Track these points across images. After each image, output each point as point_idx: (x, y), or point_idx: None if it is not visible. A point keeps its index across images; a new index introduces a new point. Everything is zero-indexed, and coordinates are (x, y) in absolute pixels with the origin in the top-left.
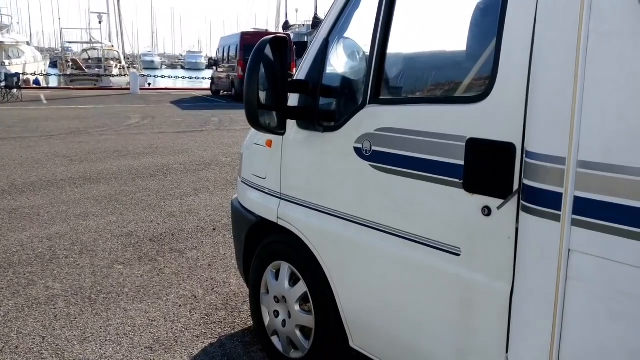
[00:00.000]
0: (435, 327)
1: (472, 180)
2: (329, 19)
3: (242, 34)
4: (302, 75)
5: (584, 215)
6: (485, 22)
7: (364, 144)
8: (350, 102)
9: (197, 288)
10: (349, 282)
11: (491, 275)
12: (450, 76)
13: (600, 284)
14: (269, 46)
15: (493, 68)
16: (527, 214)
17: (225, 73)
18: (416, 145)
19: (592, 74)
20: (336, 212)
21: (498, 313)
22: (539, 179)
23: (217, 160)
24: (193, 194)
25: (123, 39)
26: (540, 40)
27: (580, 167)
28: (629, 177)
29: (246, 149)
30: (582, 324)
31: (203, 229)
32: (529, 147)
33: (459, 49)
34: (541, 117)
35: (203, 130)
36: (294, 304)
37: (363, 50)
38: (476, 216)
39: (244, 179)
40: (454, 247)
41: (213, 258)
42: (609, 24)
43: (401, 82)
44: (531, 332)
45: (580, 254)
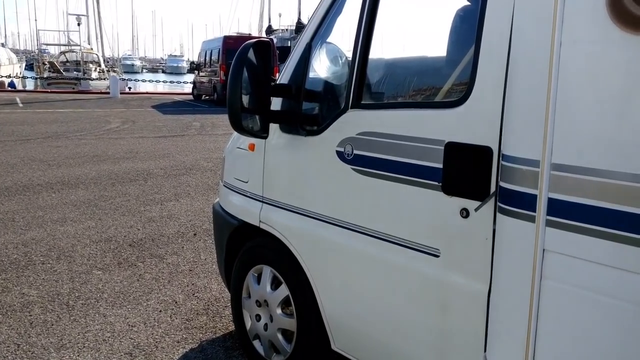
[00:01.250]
0: (415, 328)
1: (450, 183)
2: (311, 24)
3: (225, 37)
4: (285, 80)
5: (558, 216)
6: (464, 29)
7: (346, 147)
8: (333, 106)
9: (177, 293)
10: (331, 284)
11: (469, 276)
12: (430, 82)
13: (573, 283)
14: (252, 50)
15: (471, 74)
16: (504, 215)
17: (207, 77)
18: (396, 149)
19: (565, 81)
20: (318, 215)
21: (476, 313)
22: (514, 181)
23: (199, 165)
24: (174, 199)
25: (102, 42)
26: (516, 48)
27: (554, 170)
28: (600, 179)
29: (228, 153)
30: (557, 322)
31: (184, 234)
32: (505, 151)
33: (439, 55)
34: (517, 121)
35: (184, 135)
36: (275, 307)
37: (345, 55)
38: (454, 218)
39: (226, 182)
40: (433, 248)
41: (194, 263)
42: (580, 33)
43: (382, 87)
44: (508, 331)
45: (554, 254)
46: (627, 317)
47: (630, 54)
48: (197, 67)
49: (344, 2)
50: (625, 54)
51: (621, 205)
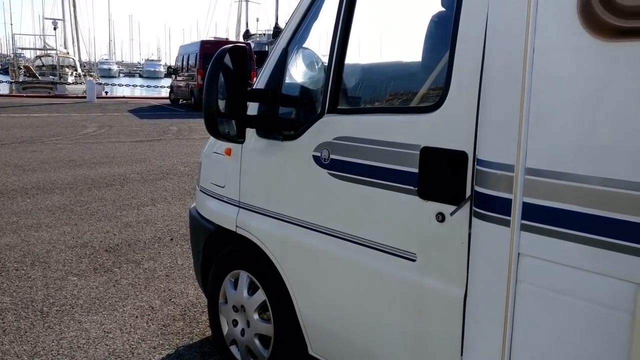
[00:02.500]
0: (392, 333)
1: (426, 188)
2: (288, 29)
3: (202, 42)
4: (261, 85)
5: (532, 220)
6: (439, 35)
7: (323, 152)
8: (309, 111)
9: (154, 299)
10: (308, 289)
11: (445, 280)
12: (406, 87)
13: (548, 286)
14: (229, 55)
15: (446, 80)
16: (479, 219)
17: (185, 82)
18: (373, 153)
19: (538, 86)
20: (295, 219)
21: (452, 317)
22: (489, 186)
23: (176, 170)
24: (150, 204)
25: (79, 46)
26: (490, 54)
27: (528, 174)
28: (573, 183)
29: (205, 158)
30: (532, 325)
31: (160, 239)
32: (480, 155)
33: (414, 60)
34: (491, 126)
35: (161, 140)
36: (252, 312)
37: (321, 60)
38: (430, 222)
39: (202, 187)
40: (409, 252)
41: (170, 268)
42: (552, 39)
43: (358, 92)
44: (484, 335)
45: (529, 257)
46: (601, 320)
47: (601, 61)
48: (174, 71)
49: (320, 8)
50: (596, 60)
51: (594, 209)
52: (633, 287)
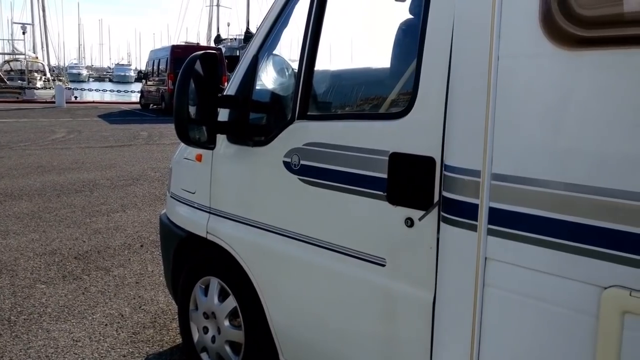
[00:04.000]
0: (362, 338)
1: (395, 193)
2: (258, 35)
3: (173, 47)
4: (232, 91)
5: (499, 225)
6: (407, 42)
7: (293, 158)
8: (280, 117)
9: (124, 306)
10: (279, 295)
11: (415, 285)
12: (375, 93)
13: (515, 290)
14: (199, 62)
15: (413, 86)
16: (447, 224)
17: (155, 86)
18: (342, 159)
19: (503, 93)
20: (266, 225)
21: (422, 321)
22: (456, 191)
23: (146, 175)
24: (120, 210)
25: (48, 51)
26: (456, 61)
27: (494, 180)
28: (538, 188)
29: (176, 163)
30: (500, 329)
31: (130, 245)
32: (447, 161)
33: (383, 67)
34: (458, 132)
35: (131, 145)
36: (223, 319)
37: (292, 67)
38: (400, 227)
39: (172, 193)
40: (379, 258)
41: (140, 275)
42: (516, 47)
43: (328, 99)
44: (452, 339)
45: (495, 262)
46: (567, 323)
47: (563, 69)
48: (144, 76)
49: (290, 15)
50: (558, 68)
51: (558, 214)
52: (597, 290)
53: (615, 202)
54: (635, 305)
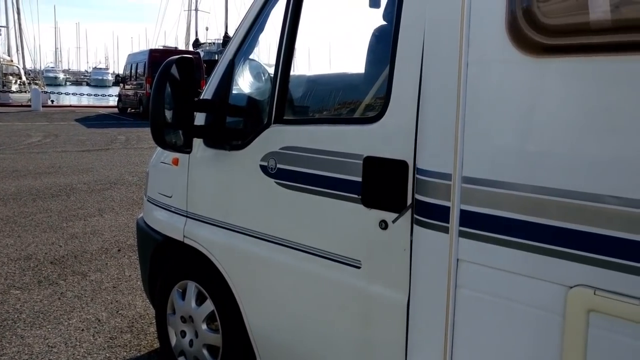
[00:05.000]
0: (339, 340)
1: (369, 196)
2: (235, 40)
3: (151, 51)
4: (208, 95)
5: (470, 227)
6: (380, 48)
7: (269, 162)
8: (256, 121)
9: (101, 311)
10: (256, 298)
11: (389, 286)
12: (349, 98)
13: (486, 290)
14: (175, 66)
15: (387, 92)
16: (420, 226)
17: (133, 90)
18: (318, 163)
19: (472, 98)
20: (243, 229)
21: (397, 323)
22: (429, 194)
23: (123, 180)
24: (97, 215)
25: (23, 54)
26: (427, 67)
27: (464, 183)
28: (507, 191)
29: (152, 167)
30: (472, 329)
31: (107, 250)
32: (420, 165)
33: (358, 72)
34: (429, 136)
35: (109, 149)
36: (201, 323)
37: (268, 71)
38: (374, 230)
39: (149, 197)
40: (354, 260)
41: (118, 280)
42: (484, 54)
43: (304, 103)
44: (426, 340)
45: (467, 263)
46: (536, 321)
47: (529, 75)
48: (122, 80)
49: (266, 20)
50: (524, 74)
51: (527, 216)
52: (564, 289)
53: (580, 204)
54: (599, 304)
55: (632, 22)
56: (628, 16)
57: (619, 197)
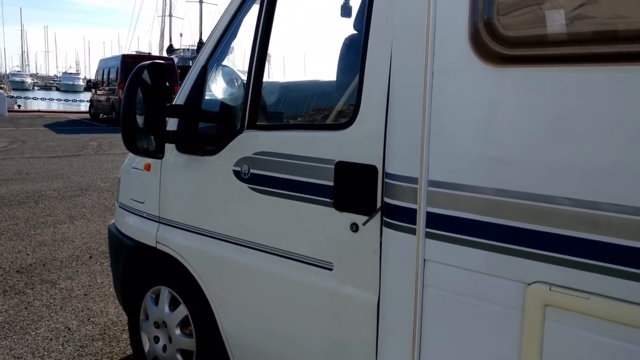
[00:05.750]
0: (312, 342)
1: (340, 200)
2: (207, 46)
3: (124, 56)
4: (181, 100)
5: (436, 228)
6: (351, 57)
7: (243, 167)
8: (229, 127)
9: (71, 319)
10: (230, 302)
11: (360, 288)
12: (321, 105)
13: (451, 289)
14: (147, 71)
15: (357, 99)
16: (389, 228)
17: (105, 96)
18: (291, 168)
19: (437, 106)
20: (216, 234)
21: (367, 322)
22: (397, 197)
23: (95, 186)
24: (68, 221)
25: None
26: (395, 75)
27: (430, 186)
28: (470, 193)
29: (124, 173)
30: (439, 327)
31: (78, 257)
32: (388, 169)
33: (329, 80)
34: (397, 142)
35: (80, 155)
36: (174, 328)
37: (241, 77)
38: (345, 232)
39: (121, 203)
40: (326, 262)
41: (89, 287)
42: (448, 63)
43: (277, 109)
44: (395, 338)
45: (433, 263)
46: (499, 318)
47: (489, 83)
48: (94, 85)
49: (239, 27)
50: (485, 83)
51: (488, 217)
52: (523, 286)
53: (536, 205)
54: (554, 299)
55: (584, 36)
56: (580, 30)
57: (570, 199)
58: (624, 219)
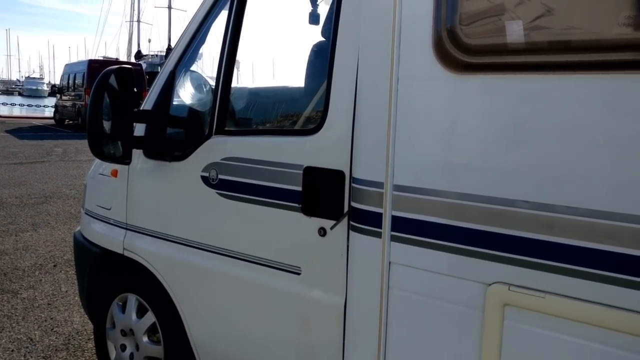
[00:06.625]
0: (280, 345)
1: (308, 204)
2: (176, 52)
3: (90, 61)
4: (149, 106)
5: (400, 231)
6: (319, 64)
7: (211, 172)
8: (197, 132)
9: (33, 329)
10: (198, 308)
11: (328, 291)
12: (290, 110)
13: (415, 290)
14: (114, 76)
15: (325, 105)
16: (355, 232)
17: (71, 101)
18: (259, 173)
19: (402, 112)
20: (184, 240)
21: (335, 325)
22: (363, 201)
23: (60, 193)
24: (31, 229)
25: None
26: (361, 82)
27: (395, 190)
28: (433, 197)
29: (90, 179)
30: (404, 327)
31: (42, 266)
32: (355, 174)
33: (298, 86)
34: (363, 147)
35: (44, 162)
36: (142, 335)
37: (209, 83)
38: (313, 237)
39: (87, 210)
40: (294, 266)
41: (53, 296)
42: (413, 70)
43: (245, 115)
44: (361, 340)
45: (398, 265)
46: (460, 318)
47: (452, 90)
48: (59, 90)
49: (207, 32)
50: (448, 89)
51: (450, 220)
52: (483, 287)
53: (496, 209)
54: (513, 298)
55: (541, 45)
56: (538, 39)
57: (528, 202)
58: (577, 220)
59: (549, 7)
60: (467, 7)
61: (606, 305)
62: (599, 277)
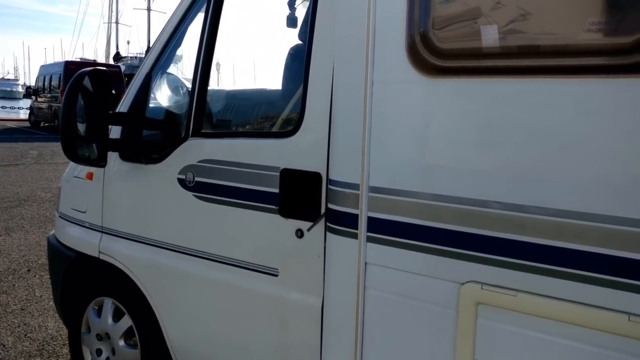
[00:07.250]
0: (258, 347)
1: (286, 206)
2: (152, 53)
3: (67, 63)
4: (124, 108)
5: (376, 232)
6: (295, 67)
7: (187, 175)
8: (173, 134)
9: (6, 335)
10: (175, 311)
11: (305, 292)
12: (267, 113)
13: (391, 290)
14: (88, 78)
15: (301, 107)
16: (332, 233)
17: (47, 103)
18: (236, 175)
19: (377, 115)
20: (160, 243)
21: (312, 326)
22: (339, 203)
23: (35, 196)
24: (4, 234)
25: None
26: (337, 85)
27: (371, 192)
28: (408, 198)
29: (65, 182)
30: (380, 327)
31: (15, 270)
32: (332, 176)
33: (275, 88)
34: (339, 150)
35: (19, 164)
36: (118, 339)
37: (185, 85)
38: (291, 238)
39: (62, 213)
40: (272, 268)
41: (27, 301)
42: (386, 74)
43: (222, 117)
44: (338, 340)
45: (374, 266)
46: (436, 317)
47: (425, 93)
48: (34, 92)
49: (183, 34)
50: (421, 93)
51: (425, 221)
52: (457, 286)
53: (469, 209)
54: (485, 297)
55: (512, 49)
56: (509, 44)
57: (500, 202)
58: (547, 220)
59: (520, 12)
60: (440, 11)
61: (576, 302)
62: (569, 275)
